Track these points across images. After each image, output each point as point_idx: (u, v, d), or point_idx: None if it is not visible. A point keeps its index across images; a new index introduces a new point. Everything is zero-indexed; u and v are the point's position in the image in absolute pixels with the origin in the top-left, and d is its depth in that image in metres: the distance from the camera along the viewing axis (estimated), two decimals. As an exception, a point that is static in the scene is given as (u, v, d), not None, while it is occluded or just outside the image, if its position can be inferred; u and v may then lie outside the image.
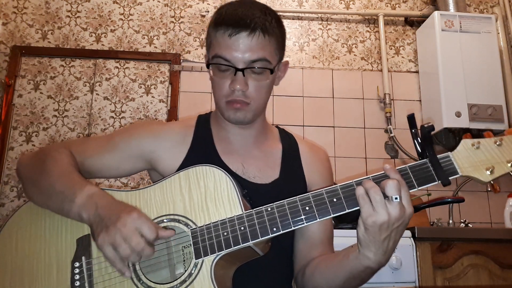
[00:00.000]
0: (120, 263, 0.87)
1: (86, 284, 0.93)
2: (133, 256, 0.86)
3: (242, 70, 1.03)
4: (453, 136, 2.54)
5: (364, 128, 2.69)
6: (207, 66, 1.09)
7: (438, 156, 0.87)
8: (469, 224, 2.40)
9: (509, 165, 0.84)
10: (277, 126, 1.29)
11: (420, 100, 2.74)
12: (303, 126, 2.66)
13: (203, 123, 1.20)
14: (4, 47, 2.61)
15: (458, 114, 2.44)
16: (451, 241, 1.92)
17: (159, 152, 1.12)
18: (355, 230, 0.87)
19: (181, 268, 0.93)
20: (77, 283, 0.93)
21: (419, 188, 0.86)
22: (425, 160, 0.88)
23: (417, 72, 2.80)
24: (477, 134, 0.90)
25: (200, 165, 0.98)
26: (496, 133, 0.91)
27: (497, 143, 0.86)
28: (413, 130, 0.90)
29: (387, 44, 2.83)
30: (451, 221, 2.49)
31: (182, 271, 0.92)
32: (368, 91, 2.75)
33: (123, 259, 0.86)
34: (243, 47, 1.02)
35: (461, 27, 2.58)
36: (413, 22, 2.89)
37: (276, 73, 1.11)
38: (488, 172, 0.84)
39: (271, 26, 1.05)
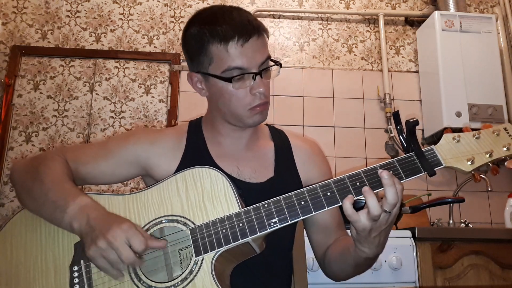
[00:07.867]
0: (113, 270, 0.89)
1: (86, 287, 0.93)
2: (125, 267, 0.88)
3: (260, 72, 1.04)
4: (453, 136, 2.54)
5: (364, 128, 2.69)
6: (223, 79, 1.04)
7: (422, 149, 0.92)
8: (469, 224, 2.39)
9: (487, 155, 0.91)
10: (266, 124, 1.28)
11: (420, 100, 2.74)
12: (303, 126, 2.65)
13: (195, 128, 1.20)
14: (4, 47, 2.61)
15: (458, 114, 2.44)
16: (451, 241, 1.92)
17: (154, 159, 1.13)
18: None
19: (178, 270, 0.93)
20: (77, 287, 0.93)
21: (407, 179, 0.91)
22: (411, 153, 0.92)
23: (417, 72, 2.80)
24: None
25: (196, 167, 0.99)
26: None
27: (476, 136, 0.93)
28: (398, 127, 0.95)
29: (387, 44, 2.82)
30: (451, 221, 2.49)
31: (179, 273, 0.92)
32: (368, 91, 2.74)
33: (116, 268, 0.88)
34: (255, 51, 1.04)
35: (461, 27, 2.58)
36: (413, 22, 2.89)
37: None
38: (469, 163, 0.91)
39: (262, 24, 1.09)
